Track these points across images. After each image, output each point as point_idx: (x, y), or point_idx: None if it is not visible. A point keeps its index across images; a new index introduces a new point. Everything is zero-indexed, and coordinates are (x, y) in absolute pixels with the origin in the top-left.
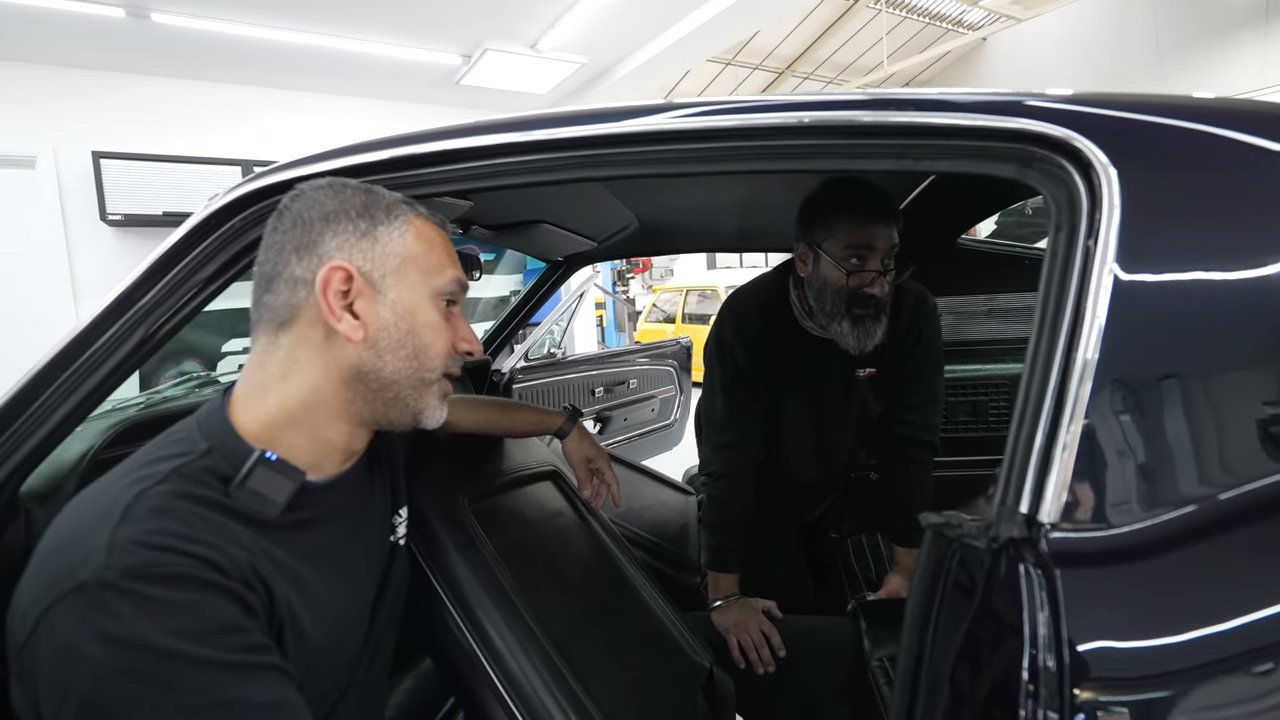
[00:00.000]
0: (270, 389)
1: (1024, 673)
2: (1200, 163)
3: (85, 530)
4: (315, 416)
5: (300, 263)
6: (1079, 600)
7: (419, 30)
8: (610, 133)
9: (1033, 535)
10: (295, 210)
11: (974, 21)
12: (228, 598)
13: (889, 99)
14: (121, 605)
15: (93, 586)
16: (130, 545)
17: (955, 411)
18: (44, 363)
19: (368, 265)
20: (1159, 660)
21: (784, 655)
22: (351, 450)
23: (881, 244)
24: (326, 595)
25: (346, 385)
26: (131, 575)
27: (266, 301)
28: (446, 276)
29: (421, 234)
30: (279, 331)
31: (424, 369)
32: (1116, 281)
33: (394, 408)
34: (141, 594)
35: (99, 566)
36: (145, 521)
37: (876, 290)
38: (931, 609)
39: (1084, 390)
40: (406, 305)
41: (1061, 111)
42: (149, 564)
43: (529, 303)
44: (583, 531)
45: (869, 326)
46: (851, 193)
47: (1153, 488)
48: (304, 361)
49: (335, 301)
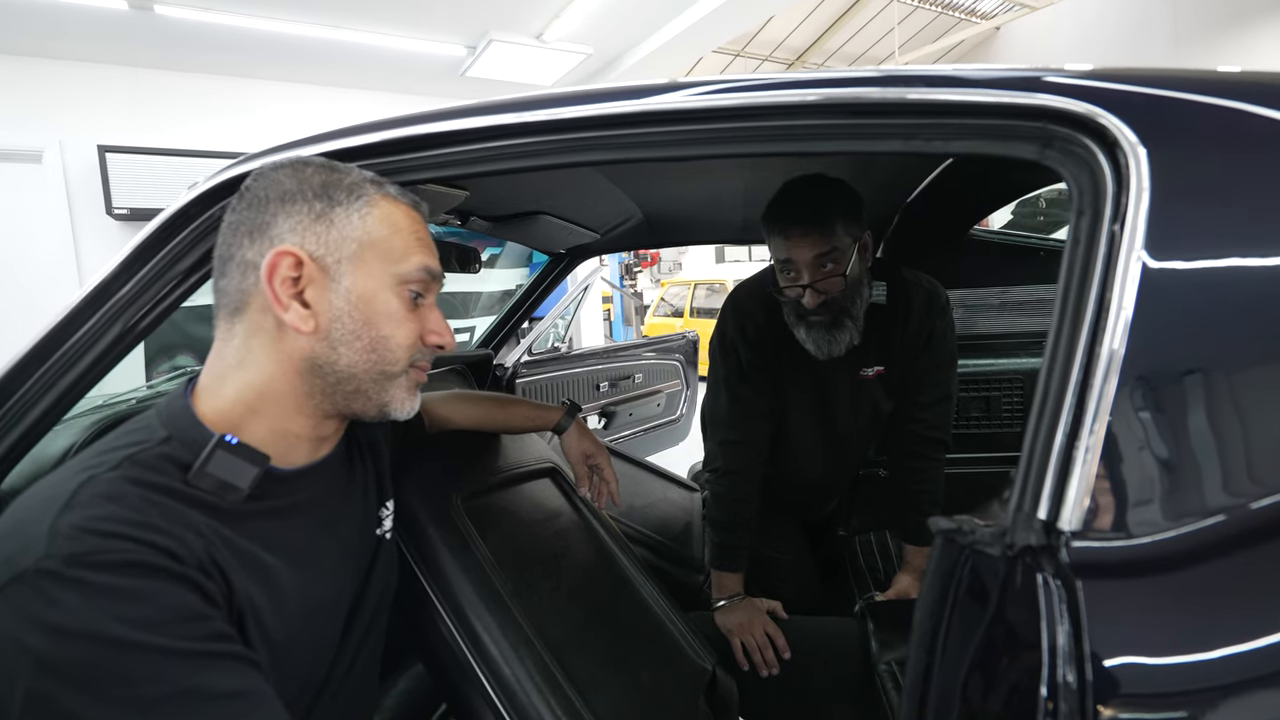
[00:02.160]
0: (228, 378)
1: (1043, 689)
2: (1237, 141)
3: (28, 518)
4: (274, 408)
5: (252, 246)
6: (1103, 614)
7: (424, 21)
8: (611, 113)
9: (1052, 543)
10: (253, 191)
11: (987, 10)
12: (184, 585)
13: (899, 75)
14: (65, 594)
15: (32, 575)
16: (74, 531)
17: (967, 407)
18: (20, 357)
19: (320, 250)
20: (1189, 677)
21: (789, 657)
22: (320, 439)
23: (802, 256)
24: (295, 588)
25: (302, 377)
26: (75, 563)
27: (221, 286)
28: (412, 264)
29: (386, 217)
30: (233, 319)
31: (384, 362)
32: (1145, 269)
33: (356, 400)
34: (87, 581)
35: (39, 555)
36: (91, 508)
37: (806, 302)
38: (941, 618)
39: (1108, 387)
40: (362, 294)
41: (1085, 87)
42: (94, 550)
43: (532, 296)
44: (582, 531)
45: (825, 333)
46: (778, 205)
47: (1183, 494)
48: (257, 351)
49: (283, 289)
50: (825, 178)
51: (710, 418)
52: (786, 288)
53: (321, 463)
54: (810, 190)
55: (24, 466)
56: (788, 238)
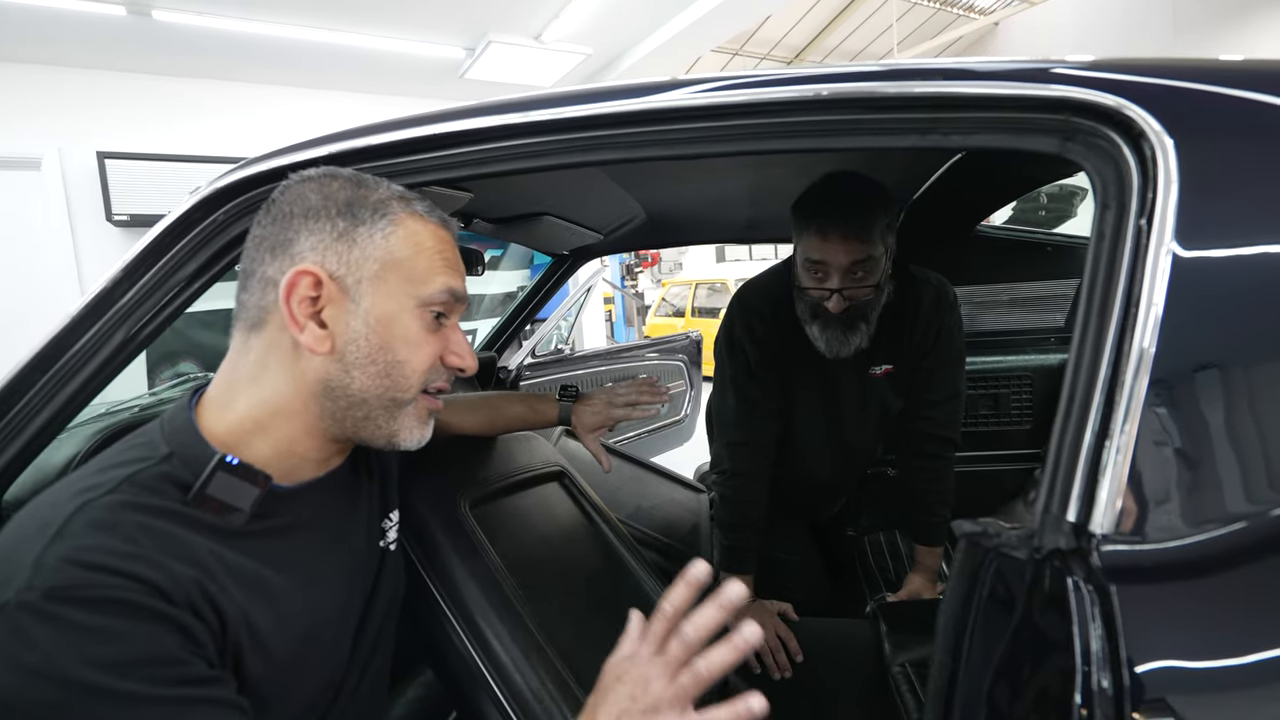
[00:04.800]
0: (240, 392)
1: (1077, 695)
2: (1266, 131)
3: (18, 546)
4: (284, 427)
5: (273, 262)
6: (1137, 618)
7: (422, 23)
8: (616, 112)
9: (1082, 547)
10: (279, 204)
11: (985, 6)
12: (166, 626)
13: (914, 69)
14: (39, 631)
15: (13, 609)
16: (59, 564)
17: (975, 405)
18: (21, 366)
19: (341, 269)
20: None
21: (801, 660)
22: (325, 460)
23: (838, 261)
24: (301, 604)
25: (315, 399)
26: (54, 598)
27: (242, 300)
28: (435, 285)
29: (411, 236)
30: (251, 333)
31: (396, 389)
32: (1176, 262)
33: (365, 428)
34: (63, 619)
35: (21, 587)
36: (82, 537)
37: (831, 307)
38: (966, 623)
39: (1139, 385)
40: (381, 316)
41: (1108, 79)
42: (76, 585)
43: (535, 298)
44: (590, 534)
45: (840, 333)
46: (818, 202)
47: (1219, 494)
48: (273, 368)
49: (300, 309)
50: (867, 178)
51: (717, 419)
52: (811, 288)
53: (327, 476)
54: (854, 191)
55: (26, 476)
56: (825, 238)
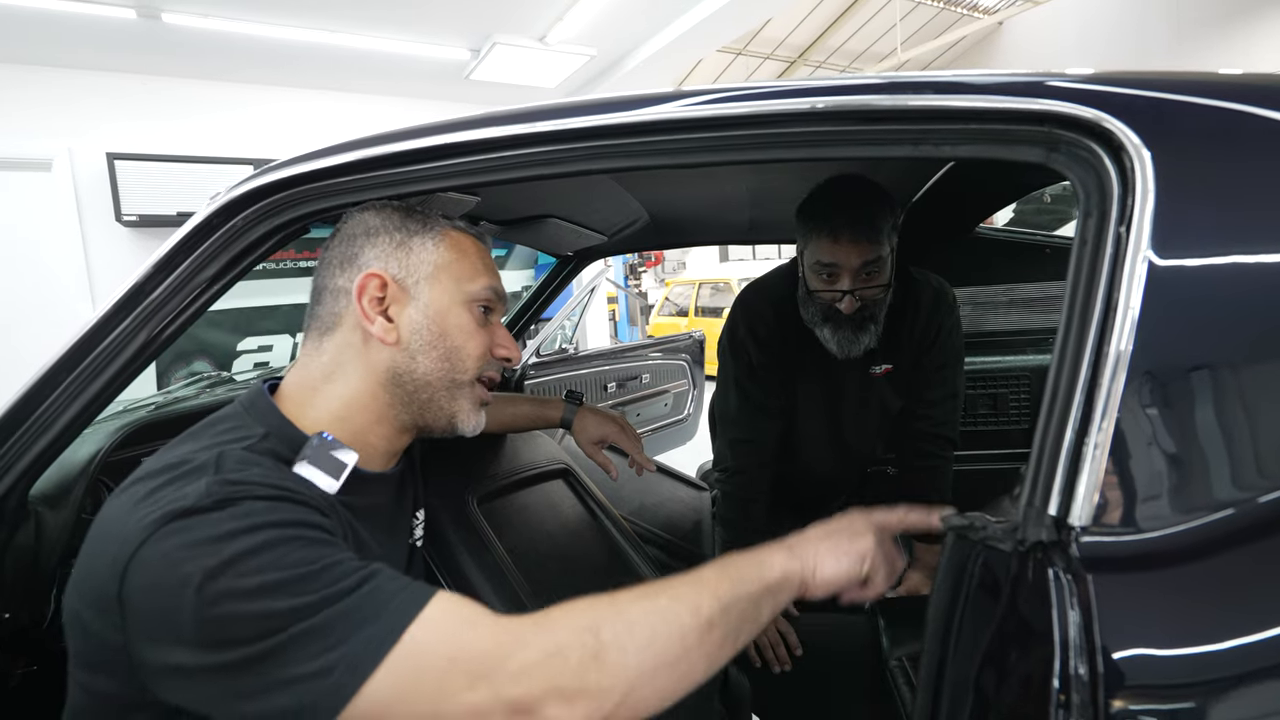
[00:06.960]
0: (317, 390)
1: (1054, 681)
2: (1238, 143)
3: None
4: (359, 416)
5: (343, 275)
6: (1113, 607)
7: (428, 25)
8: (619, 122)
9: (1062, 538)
10: (344, 231)
11: (989, 5)
12: (319, 514)
13: (905, 82)
14: (228, 510)
15: (195, 510)
16: (226, 483)
17: (974, 405)
18: (49, 366)
19: (402, 272)
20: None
21: (801, 654)
22: (393, 453)
23: (849, 263)
24: None
25: (384, 388)
26: (235, 494)
27: (315, 312)
28: (480, 283)
29: (456, 244)
30: (324, 337)
31: (456, 370)
32: (1151, 268)
33: (429, 410)
34: (250, 497)
35: (200, 495)
36: (235, 471)
37: (843, 308)
38: (954, 613)
39: (1117, 384)
40: (438, 309)
41: (1089, 92)
42: (252, 484)
43: (540, 298)
44: (594, 530)
45: (851, 334)
46: (826, 206)
47: (1191, 489)
48: (346, 365)
49: (370, 306)
50: (870, 181)
51: (720, 417)
52: (823, 291)
53: (389, 473)
54: (860, 194)
55: (51, 472)
56: (836, 241)
